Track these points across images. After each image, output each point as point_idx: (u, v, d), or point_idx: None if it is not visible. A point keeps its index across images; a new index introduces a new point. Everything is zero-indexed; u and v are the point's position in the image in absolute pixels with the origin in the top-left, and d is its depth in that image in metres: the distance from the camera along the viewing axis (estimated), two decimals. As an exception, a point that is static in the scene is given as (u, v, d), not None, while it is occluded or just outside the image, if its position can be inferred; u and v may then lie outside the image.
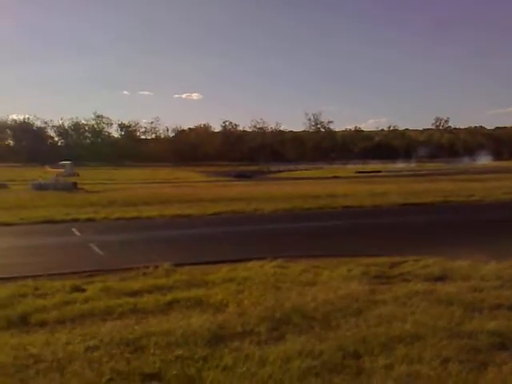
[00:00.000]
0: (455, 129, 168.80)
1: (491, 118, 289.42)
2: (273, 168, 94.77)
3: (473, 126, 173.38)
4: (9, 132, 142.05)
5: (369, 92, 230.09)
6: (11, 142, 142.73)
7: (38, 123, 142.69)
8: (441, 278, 9.84)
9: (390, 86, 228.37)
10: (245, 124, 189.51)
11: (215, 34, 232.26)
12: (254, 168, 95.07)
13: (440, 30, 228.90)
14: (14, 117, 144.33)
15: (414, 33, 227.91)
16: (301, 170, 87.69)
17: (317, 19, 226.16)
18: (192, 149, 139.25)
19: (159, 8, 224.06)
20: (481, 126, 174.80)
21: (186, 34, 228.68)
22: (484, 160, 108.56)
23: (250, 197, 31.37)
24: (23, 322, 7.60)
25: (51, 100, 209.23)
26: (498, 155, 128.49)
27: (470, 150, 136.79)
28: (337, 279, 9.84)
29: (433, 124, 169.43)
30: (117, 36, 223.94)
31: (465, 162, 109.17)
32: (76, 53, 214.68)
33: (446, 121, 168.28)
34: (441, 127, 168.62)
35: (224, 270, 10.86)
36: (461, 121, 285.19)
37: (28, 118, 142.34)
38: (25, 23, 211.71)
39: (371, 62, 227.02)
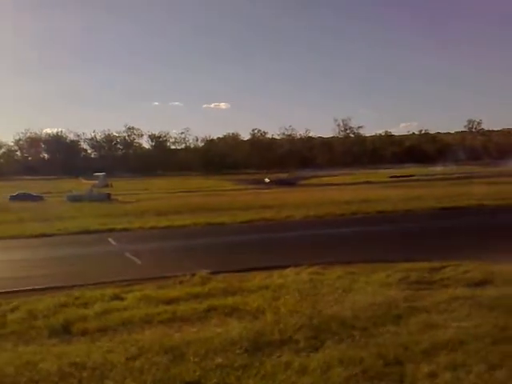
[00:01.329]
0: (488, 131, 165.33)
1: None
2: (303, 174, 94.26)
3: (506, 127, 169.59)
4: (43, 146, 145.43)
5: (399, 96, 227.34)
6: (46, 156, 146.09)
7: (71, 136, 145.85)
8: (482, 283, 9.61)
9: (421, 89, 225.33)
10: (273, 131, 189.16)
11: (240, 43, 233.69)
12: (283, 175, 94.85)
13: (471, 33, 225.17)
14: (48, 131, 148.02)
15: (442, 37, 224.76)
16: (331, 175, 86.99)
17: (344, 26, 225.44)
18: (221, 157, 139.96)
19: (185, 20, 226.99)
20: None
21: (212, 45, 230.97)
22: None
23: (280, 204, 31.33)
24: (65, 331, 7.74)
25: (83, 112, 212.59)
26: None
27: (504, 152, 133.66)
28: (374, 285, 9.71)
29: (465, 126, 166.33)
30: (147, 48, 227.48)
31: (504, 165, 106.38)
32: (107, 66, 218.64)
33: (479, 123, 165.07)
34: (473, 130, 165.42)
35: (259, 278, 10.87)
36: (494, 123, 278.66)
37: (61, 132, 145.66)
38: (58, 37, 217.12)
39: (401, 66, 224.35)
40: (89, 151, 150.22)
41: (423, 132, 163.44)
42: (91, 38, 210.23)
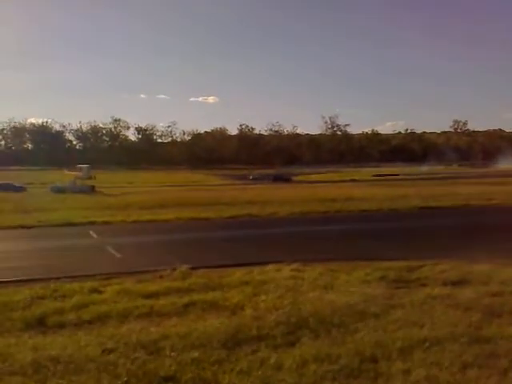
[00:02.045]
0: (473, 132, 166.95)
1: (510, 121, 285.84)
2: (289, 171, 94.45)
3: (491, 128, 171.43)
4: (27, 136, 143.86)
5: (386, 95, 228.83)
6: (29, 146, 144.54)
7: (57, 127, 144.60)
8: (459, 283, 9.71)
9: (408, 88, 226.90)
10: (261, 127, 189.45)
11: (230, 37, 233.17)
12: (271, 171, 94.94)
13: (458, 34, 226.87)
14: (33, 121, 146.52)
15: (431, 36, 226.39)
16: (317, 173, 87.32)
17: (332, 22, 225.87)
18: (208, 152, 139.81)
19: (173, 12, 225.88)
20: (499, 129, 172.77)
21: (201, 38, 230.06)
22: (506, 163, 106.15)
23: (265, 200, 31.40)
24: (41, 324, 7.66)
25: (69, 104, 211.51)
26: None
27: (488, 153, 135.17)
28: (354, 283, 9.77)
29: (451, 127, 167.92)
30: (134, 40, 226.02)
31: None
32: (93, 57, 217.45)
33: (465, 123, 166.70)
34: (459, 130, 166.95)
35: (240, 274, 10.86)
36: (479, 124, 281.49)
37: (46, 122, 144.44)
38: (44, 28, 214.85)
39: (388, 65, 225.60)
40: (74, 142, 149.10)
41: (409, 131, 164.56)
42: (78, 29, 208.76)
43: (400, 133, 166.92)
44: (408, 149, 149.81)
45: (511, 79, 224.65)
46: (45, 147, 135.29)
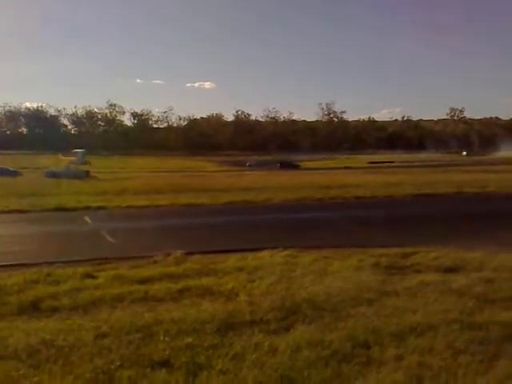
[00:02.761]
0: (470, 119, 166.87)
1: (506, 108, 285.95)
2: (285, 158, 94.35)
3: (488, 116, 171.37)
4: (22, 120, 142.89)
5: (382, 82, 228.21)
6: (24, 130, 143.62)
7: (52, 111, 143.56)
8: (452, 269, 9.76)
9: (404, 76, 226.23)
10: (257, 113, 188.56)
11: (227, 23, 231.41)
12: (267, 158, 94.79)
13: (453, 20, 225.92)
14: (28, 105, 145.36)
15: (427, 24, 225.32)
16: (313, 160, 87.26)
17: (330, 11, 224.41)
18: (204, 138, 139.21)
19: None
20: (496, 117, 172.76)
21: (198, 24, 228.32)
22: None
23: (261, 186, 31.40)
24: (35, 308, 7.66)
25: (65, 89, 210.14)
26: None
27: (485, 141, 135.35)
28: (348, 270, 9.79)
29: (447, 114, 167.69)
30: (130, 25, 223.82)
31: (486, 153, 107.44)
32: (89, 42, 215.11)
33: (461, 111, 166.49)
34: (455, 117, 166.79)
35: (234, 259, 10.88)
36: (476, 111, 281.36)
37: (41, 106, 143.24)
38: (38, 13, 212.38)
39: (385, 54, 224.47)
40: (69, 127, 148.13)
41: (406, 118, 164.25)
42: (74, 16, 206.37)
43: (396, 120, 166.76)
44: (404, 136, 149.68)
45: (507, 65, 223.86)
46: (40, 132, 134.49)
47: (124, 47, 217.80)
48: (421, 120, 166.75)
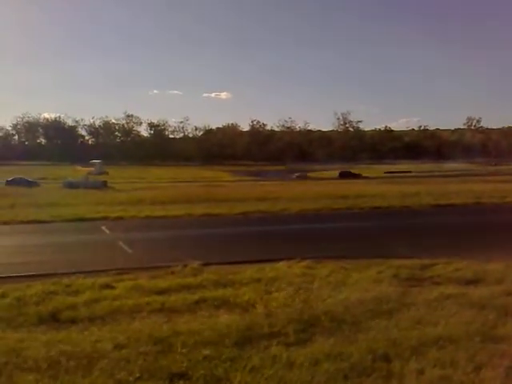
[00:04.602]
0: (487, 129, 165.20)
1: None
2: (301, 167, 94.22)
3: (506, 126, 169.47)
4: (40, 131, 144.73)
5: (399, 92, 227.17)
6: (43, 141, 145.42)
7: (70, 122, 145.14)
8: (473, 282, 9.62)
9: (422, 86, 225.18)
10: (273, 123, 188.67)
11: (243, 36, 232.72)
12: (280, 167, 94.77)
13: (470, 30, 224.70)
14: (46, 115, 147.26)
15: (443, 33, 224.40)
16: (329, 169, 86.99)
17: (344, 22, 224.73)
18: (220, 148, 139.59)
19: (186, 9, 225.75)
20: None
21: (214, 35, 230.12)
22: None
23: (277, 196, 31.34)
24: (54, 319, 7.70)
25: (83, 99, 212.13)
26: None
27: (503, 151, 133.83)
28: (366, 281, 9.70)
29: (464, 124, 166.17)
30: (146, 36, 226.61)
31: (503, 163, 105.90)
32: (107, 52, 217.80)
33: (478, 121, 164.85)
34: (472, 127, 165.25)
35: (251, 270, 10.83)
36: (493, 121, 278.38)
37: (59, 117, 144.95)
38: (56, 23, 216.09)
39: (402, 64, 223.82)
40: (87, 138, 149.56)
41: (422, 128, 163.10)
42: (91, 26, 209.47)
43: (413, 130, 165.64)
44: (421, 145, 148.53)
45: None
46: (58, 142, 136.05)
47: (141, 58, 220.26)
48: (438, 129, 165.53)
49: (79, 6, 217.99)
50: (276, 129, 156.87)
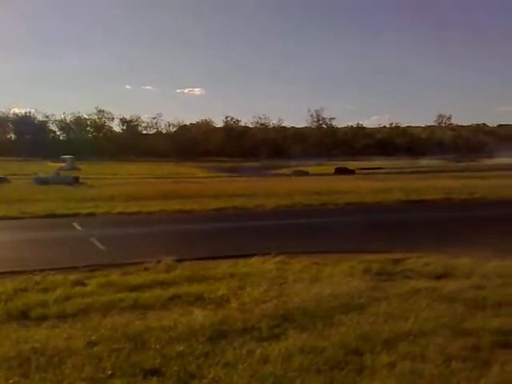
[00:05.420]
0: (458, 126, 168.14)
1: (494, 115, 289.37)
2: (275, 164, 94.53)
3: (475, 123, 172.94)
4: (10, 126, 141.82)
5: (372, 89, 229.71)
6: (13, 136, 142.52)
7: (40, 117, 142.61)
8: (443, 276, 9.80)
9: (394, 83, 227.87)
10: (247, 120, 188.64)
11: (216, 31, 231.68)
12: (256, 164, 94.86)
13: (441, 30, 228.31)
14: (16, 111, 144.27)
15: (416, 32, 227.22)
16: (303, 165, 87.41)
17: (320, 18, 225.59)
18: (194, 144, 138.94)
19: (161, 5, 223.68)
20: (483, 124, 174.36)
21: (188, 31, 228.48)
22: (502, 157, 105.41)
23: (251, 193, 31.36)
24: (24, 317, 7.56)
25: (54, 94, 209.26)
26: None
27: (473, 148, 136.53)
28: (338, 276, 9.79)
29: (435, 121, 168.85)
30: (120, 31, 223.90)
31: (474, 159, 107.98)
32: (78, 47, 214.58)
33: (449, 118, 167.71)
34: (443, 124, 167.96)
35: (225, 266, 10.83)
36: (464, 118, 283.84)
37: (30, 112, 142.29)
38: (27, 18, 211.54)
39: (374, 62, 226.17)
40: (57, 133, 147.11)
41: (394, 125, 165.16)
42: (64, 21, 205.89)
43: (385, 127, 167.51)
44: (393, 143, 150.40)
45: (495, 74, 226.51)
46: (28, 138, 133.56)
47: (113, 53, 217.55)
48: (409, 126, 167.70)
49: (51, 1, 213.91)
50: (250, 125, 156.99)
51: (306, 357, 5.76)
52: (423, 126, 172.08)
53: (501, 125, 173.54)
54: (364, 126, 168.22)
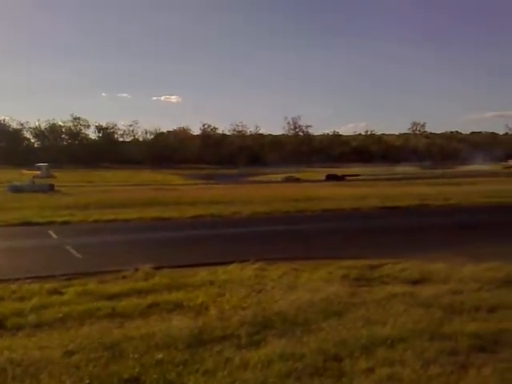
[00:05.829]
0: (431, 134, 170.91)
1: (467, 123, 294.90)
2: (252, 171, 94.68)
3: (449, 131, 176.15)
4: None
5: (348, 97, 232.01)
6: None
7: (14, 125, 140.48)
8: (419, 281, 9.94)
9: (369, 91, 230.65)
10: (224, 127, 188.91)
11: (191, 38, 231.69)
12: (233, 171, 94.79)
13: (417, 38, 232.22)
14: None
15: (392, 41, 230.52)
16: (280, 173, 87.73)
17: (295, 24, 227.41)
18: (171, 152, 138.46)
19: (136, 12, 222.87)
20: (456, 131, 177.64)
21: (163, 38, 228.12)
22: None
23: (228, 200, 31.33)
24: (0, 326, 7.43)
25: (28, 102, 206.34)
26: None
27: (447, 155, 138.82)
28: (317, 282, 9.85)
29: (409, 129, 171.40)
30: (95, 38, 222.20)
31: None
32: (53, 54, 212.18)
33: (423, 125, 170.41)
34: (417, 132, 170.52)
35: (204, 273, 10.80)
36: (437, 126, 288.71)
37: (4, 120, 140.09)
38: (3, 27, 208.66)
39: (350, 70, 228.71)
40: (32, 141, 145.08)
41: (369, 133, 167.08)
42: (38, 28, 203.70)
43: (360, 134, 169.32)
44: (368, 150, 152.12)
45: (469, 81, 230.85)
46: (2, 145, 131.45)
47: (89, 60, 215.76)
48: (383, 134, 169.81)
49: (24, 6, 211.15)
50: (227, 133, 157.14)
51: (285, 363, 5.77)
52: (397, 133, 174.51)
53: (473, 132, 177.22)
54: (340, 133, 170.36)
